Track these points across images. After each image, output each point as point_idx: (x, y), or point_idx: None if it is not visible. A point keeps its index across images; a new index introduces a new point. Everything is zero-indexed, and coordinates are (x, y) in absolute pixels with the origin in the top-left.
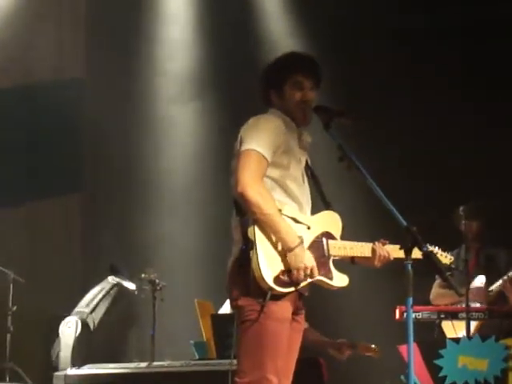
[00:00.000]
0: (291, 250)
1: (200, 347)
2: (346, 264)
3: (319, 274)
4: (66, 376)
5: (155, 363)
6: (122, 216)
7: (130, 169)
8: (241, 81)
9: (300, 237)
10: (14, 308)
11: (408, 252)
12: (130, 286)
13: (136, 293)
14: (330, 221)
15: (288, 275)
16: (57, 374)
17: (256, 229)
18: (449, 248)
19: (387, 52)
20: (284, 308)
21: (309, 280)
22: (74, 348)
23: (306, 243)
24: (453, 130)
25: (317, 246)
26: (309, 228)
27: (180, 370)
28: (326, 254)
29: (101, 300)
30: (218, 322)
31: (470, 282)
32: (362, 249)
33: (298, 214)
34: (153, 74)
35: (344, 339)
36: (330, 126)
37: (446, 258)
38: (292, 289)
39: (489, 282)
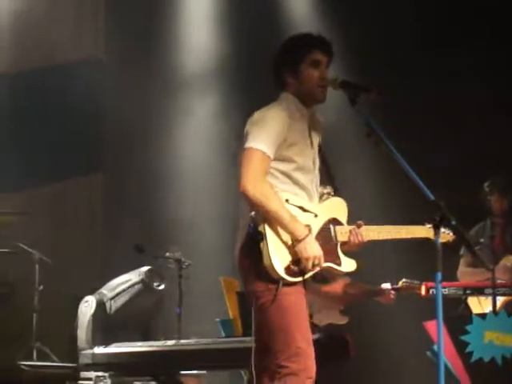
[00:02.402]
0: (299, 241)
1: (226, 325)
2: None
3: (327, 261)
4: (93, 354)
5: (182, 341)
6: (143, 195)
7: (150, 147)
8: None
9: (308, 225)
10: (41, 288)
11: (437, 226)
12: (161, 286)
13: (163, 289)
14: (337, 207)
15: (297, 265)
16: (84, 352)
17: (266, 225)
18: (472, 222)
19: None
20: (295, 287)
21: (316, 269)
22: (91, 326)
23: (314, 231)
24: (479, 101)
25: (324, 234)
26: (316, 216)
27: (207, 347)
28: (334, 241)
29: (124, 290)
30: (244, 299)
31: (496, 258)
32: (366, 232)
33: (305, 203)
34: (173, 52)
35: (387, 283)
36: (355, 102)
37: (448, 235)
38: (300, 278)
39: None
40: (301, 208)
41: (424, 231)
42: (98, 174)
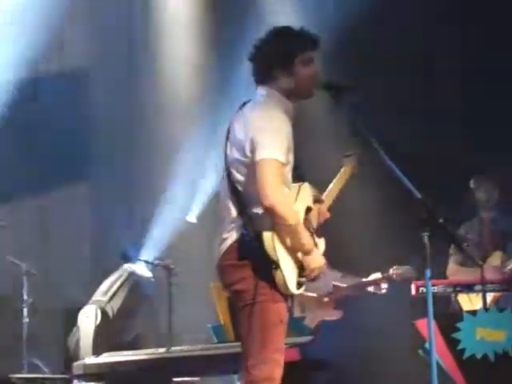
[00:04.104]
0: (309, 253)
1: (218, 331)
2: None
3: None
4: (84, 365)
5: (174, 348)
6: (131, 202)
7: (137, 156)
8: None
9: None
10: (30, 300)
11: (424, 224)
12: (146, 273)
13: (153, 280)
14: (305, 194)
15: (303, 276)
16: (76, 363)
17: (276, 244)
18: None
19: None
20: (281, 296)
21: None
22: (95, 337)
23: None
24: (466, 101)
25: (306, 226)
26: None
27: (199, 354)
28: (312, 230)
29: (119, 288)
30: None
31: (485, 255)
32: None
33: None
34: (157, 60)
35: (378, 274)
36: (340, 102)
37: (352, 160)
38: (302, 290)
39: (506, 258)
40: None
41: (344, 174)
42: (85, 184)
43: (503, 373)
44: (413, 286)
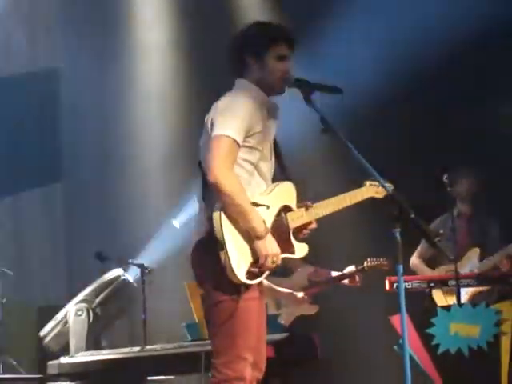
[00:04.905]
0: (261, 237)
1: (192, 329)
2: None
3: (283, 252)
4: (59, 364)
5: (148, 347)
6: (104, 202)
7: (109, 155)
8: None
9: (263, 221)
10: (4, 300)
11: (396, 219)
12: (133, 280)
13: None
14: (286, 193)
15: (257, 266)
16: (51, 362)
17: (223, 226)
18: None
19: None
20: (253, 289)
21: (274, 266)
22: (88, 335)
23: (268, 223)
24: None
25: (278, 224)
26: (268, 208)
27: (173, 352)
28: (287, 229)
29: (110, 295)
30: None
31: (460, 250)
32: (314, 211)
33: (257, 197)
34: (129, 59)
35: (352, 266)
36: (310, 99)
37: (378, 188)
38: (261, 278)
39: (483, 254)
40: (254, 204)
41: (366, 192)
42: (58, 184)
43: (477, 367)
44: (387, 282)
